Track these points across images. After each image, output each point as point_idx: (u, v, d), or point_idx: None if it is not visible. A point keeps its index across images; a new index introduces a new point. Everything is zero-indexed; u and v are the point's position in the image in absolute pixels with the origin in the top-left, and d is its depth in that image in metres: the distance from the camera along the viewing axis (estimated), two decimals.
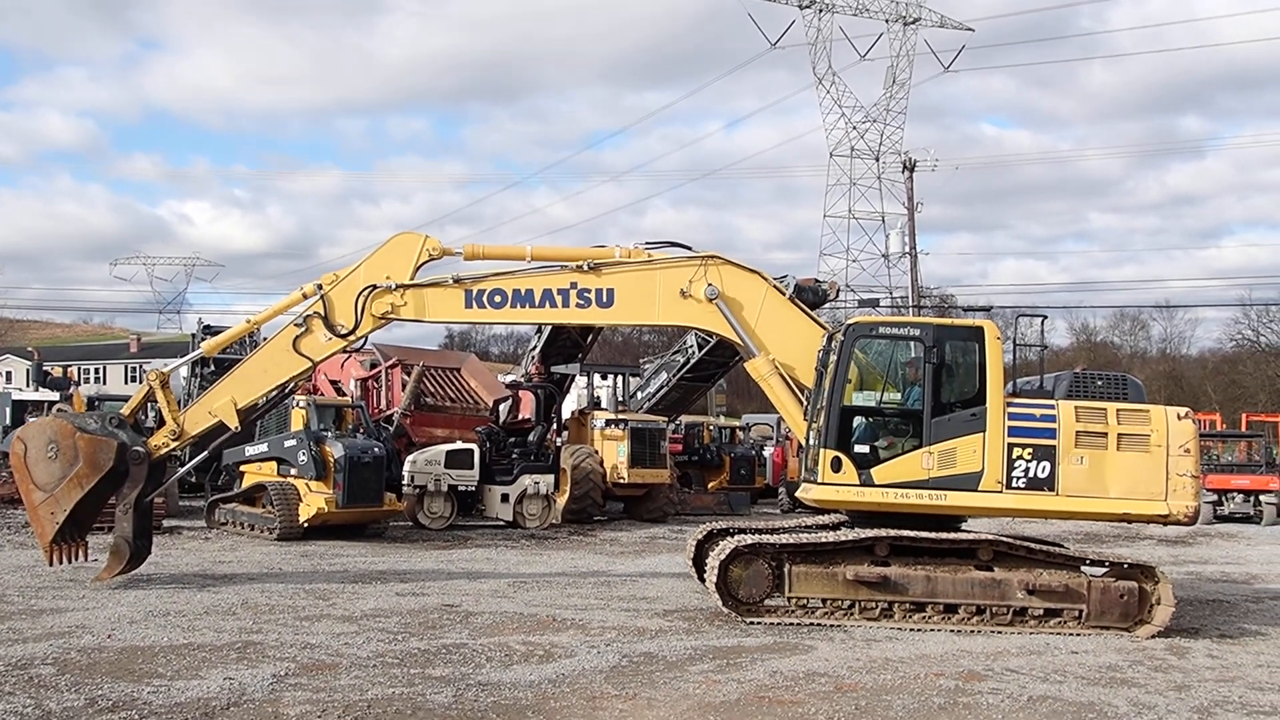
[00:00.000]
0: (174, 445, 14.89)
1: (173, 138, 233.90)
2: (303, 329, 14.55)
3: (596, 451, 26.82)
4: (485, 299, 14.55)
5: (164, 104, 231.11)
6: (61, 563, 14.62)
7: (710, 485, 33.41)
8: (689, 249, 14.65)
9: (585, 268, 14.37)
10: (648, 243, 14.74)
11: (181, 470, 17.74)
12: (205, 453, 16.12)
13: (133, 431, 14.75)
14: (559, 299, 14.47)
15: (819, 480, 12.76)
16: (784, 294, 14.47)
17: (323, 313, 14.51)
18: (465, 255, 14.77)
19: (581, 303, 14.47)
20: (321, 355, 14.85)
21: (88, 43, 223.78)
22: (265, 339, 16.03)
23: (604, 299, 14.46)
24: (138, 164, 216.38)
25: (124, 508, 14.63)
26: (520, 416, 27.29)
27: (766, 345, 14.12)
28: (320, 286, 14.59)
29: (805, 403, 13.71)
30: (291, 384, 15.02)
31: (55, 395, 28.61)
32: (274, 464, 21.32)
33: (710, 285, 14.17)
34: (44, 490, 14.29)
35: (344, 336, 14.61)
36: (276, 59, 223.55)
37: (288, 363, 14.70)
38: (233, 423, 14.77)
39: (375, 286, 14.44)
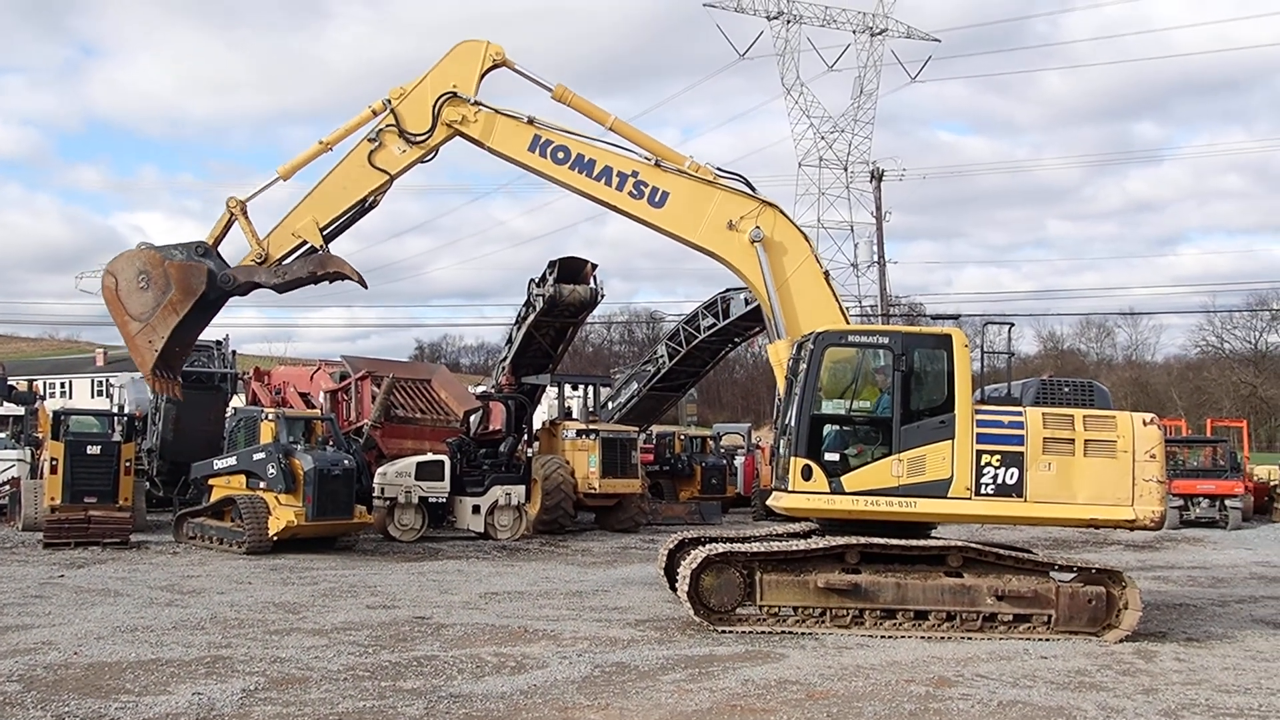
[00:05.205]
0: (261, 269, 15.18)
1: (118, 146, 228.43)
2: (376, 144, 15.06)
3: (568, 462, 26.75)
4: (550, 151, 15.02)
5: (107, 112, 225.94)
6: (164, 394, 15.29)
7: (682, 495, 33.37)
8: (755, 191, 14.90)
9: (654, 162, 14.74)
10: (720, 168, 15.03)
11: None
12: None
13: (219, 259, 15.13)
14: (616, 180, 14.85)
15: (790, 488, 12.80)
16: (822, 268, 14.66)
17: (395, 125, 14.97)
18: (554, 94, 15.34)
19: (635, 193, 14.82)
20: (398, 167, 15.21)
21: (26, 48, 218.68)
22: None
23: (656, 198, 14.79)
24: (84, 174, 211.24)
25: (284, 274, 15.22)
26: (491, 428, 27.24)
27: (795, 310, 14.27)
28: (389, 102, 15.00)
29: None
30: (371, 199, 15.37)
31: (20, 410, 28.30)
32: (243, 477, 21.14)
33: (759, 228, 14.44)
34: (139, 320, 14.71)
35: (419, 143, 15.03)
36: (220, 65, 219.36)
37: (365, 178, 15.18)
38: (317, 241, 15.22)
39: (454, 94, 14.90)
